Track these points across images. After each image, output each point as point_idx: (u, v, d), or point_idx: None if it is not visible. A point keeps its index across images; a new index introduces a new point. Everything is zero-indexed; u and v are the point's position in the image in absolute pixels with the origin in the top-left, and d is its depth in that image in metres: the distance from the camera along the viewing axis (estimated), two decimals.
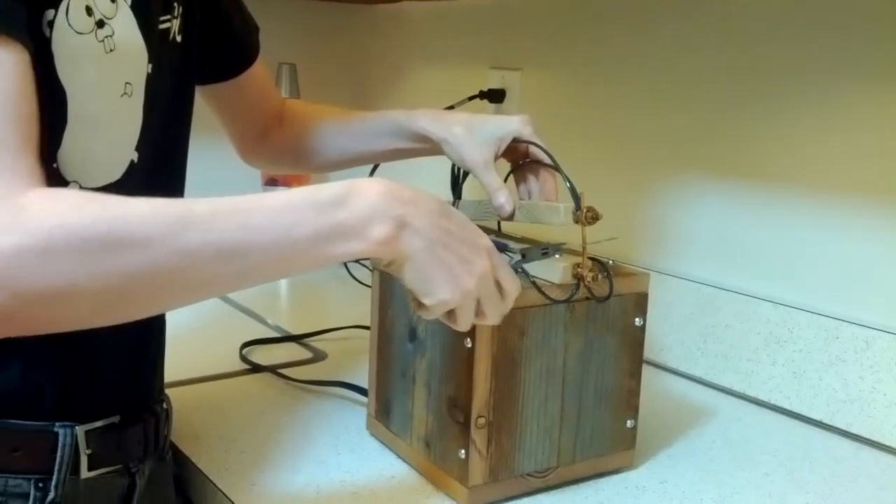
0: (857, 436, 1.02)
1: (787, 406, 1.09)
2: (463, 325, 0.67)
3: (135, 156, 0.74)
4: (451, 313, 0.66)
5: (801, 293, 1.09)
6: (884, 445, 1.00)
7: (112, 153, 0.73)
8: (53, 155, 0.69)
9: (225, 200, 0.60)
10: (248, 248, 0.59)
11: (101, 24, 0.70)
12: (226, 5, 0.92)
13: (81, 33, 0.68)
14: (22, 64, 0.61)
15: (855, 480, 0.92)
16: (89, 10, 0.69)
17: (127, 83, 0.73)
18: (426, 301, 0.64)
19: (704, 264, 1.20)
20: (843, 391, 1.03)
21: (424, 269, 0.63)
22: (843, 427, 1.04)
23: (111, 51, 0.71)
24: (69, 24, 0.67)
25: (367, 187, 0.61)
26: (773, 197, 1.11)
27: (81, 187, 0.70)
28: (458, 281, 0.63)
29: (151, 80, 0.74)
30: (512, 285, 0.68)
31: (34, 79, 0.61)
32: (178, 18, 0.79)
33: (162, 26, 0.76)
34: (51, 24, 0.66)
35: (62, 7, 0.67)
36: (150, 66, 0.74)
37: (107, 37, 0.70)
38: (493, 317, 0.67)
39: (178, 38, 0.79)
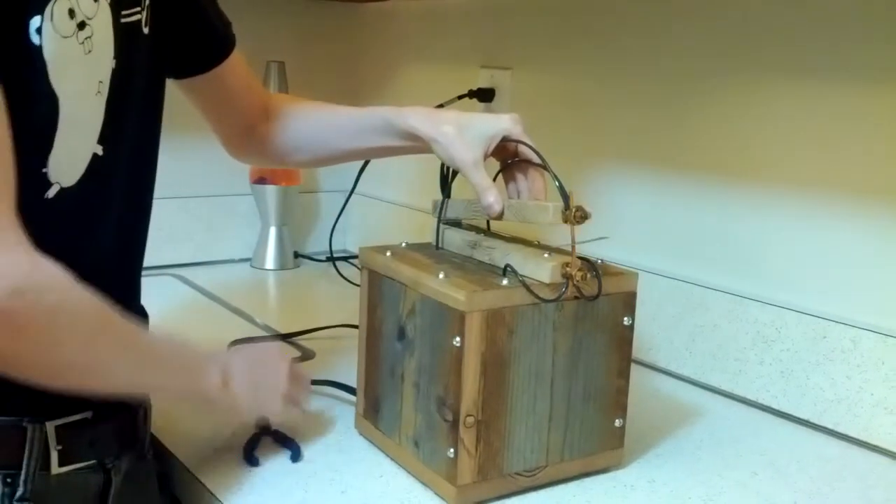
0: (844, 435, 1.03)
1: (774, 405, 1.10)
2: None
3: (98, 149, 0.74)
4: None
5: (788, 293, 1.09)
6: (871, 445, 1.00)
7: (81, 149, 0.73)
8: (45, 160, 0.69)
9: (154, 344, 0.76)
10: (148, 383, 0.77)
11: (81, 25, 0.69)
12: None
13: (66, 37, 0.68)
14: (2, 107, 0.63)
15: (842, 480, 0.92)
16: (72, 13, 0.68)
17: (100, 81, 0.73)
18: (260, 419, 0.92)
19: (693, 264, 1.20)
20: (830, 390, 1.04)
21: (251, 403, 0.85)
22: (831, 426, 1.04)
23: (89, 52, 0.70)
24: (54, 30, 0.67)
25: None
26: (762, 197, 1.11)
27: (62, 187, 0.71)
28: (273, 402, 0.87)
29: (116, 75, 0.74)
30: (303, 378, 0.94)
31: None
32: (146, 10, 0.78)
33: (130, 19, 0.75)
34: (39, 30, 0.66)
35: (47, 12, 0.66)
36: (115, 61, 0.73)
37: (87, 38, 0.70)
38: (305, 402, 0.93)
39: (146, 30, 0.78)
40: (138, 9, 0.76)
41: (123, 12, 0.74)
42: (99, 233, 0.76)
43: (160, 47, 0.82)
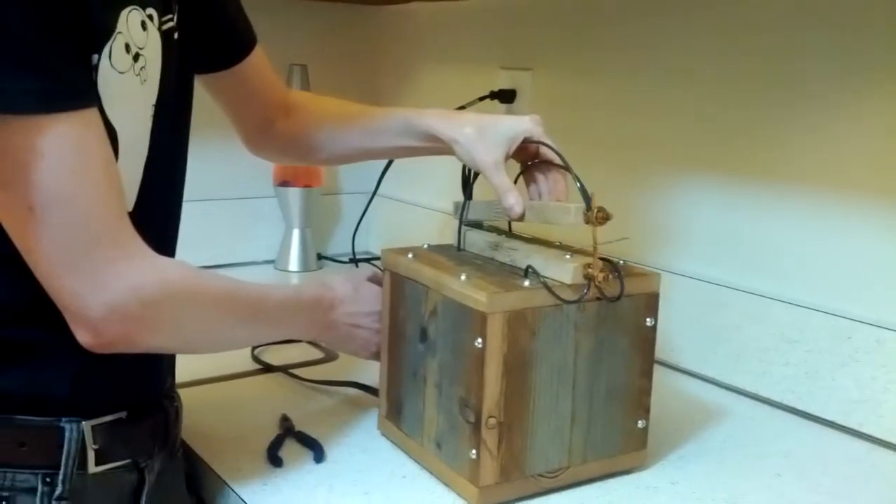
0: (869, 436, 1.02)
1: (799, 406, 1.09)
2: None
3: (143, 166, 0.76)
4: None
5: (813, 293, 1.08)
6: None
7: (136, 173, 0.75)
8: None
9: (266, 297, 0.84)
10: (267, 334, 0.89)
11: (136, 57, 0.71)
12: None
13: (123, 72, 0.70)
14: (102, 127, 0.67)
15: (868, 481, 0.92)
16: (128, 48, 0.70)
17: (153, 105, 0.74)
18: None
19: (716, 264, 1.19)
20: (855, 391, 1.03)
21: (344, 346, 0.97)
22: (856, 427, 1.03)
23: (145, 81, 0.72)
24: (112, 66, 0.68)
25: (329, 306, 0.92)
26: (785, 196, 1.11)
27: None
28: (370, 344, 0.96)
29: (160, 93, 0.75)
30: None
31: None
32: (176, 15, 0.79)
33: (165, 27, 0.76)
34: (95, 67, 0.67)
35: (105, 50, 0.68)
36: (160, 78, 0.75)
37: (141, 69, 0.72)
38: None
39: (176, 35, 0.79)
40: (171, 15, 0.78)
41: (162, 18, 0.76)
42: None
43: (187, 49, 0.83)
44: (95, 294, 0.67)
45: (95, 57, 0.67)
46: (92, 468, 0.75)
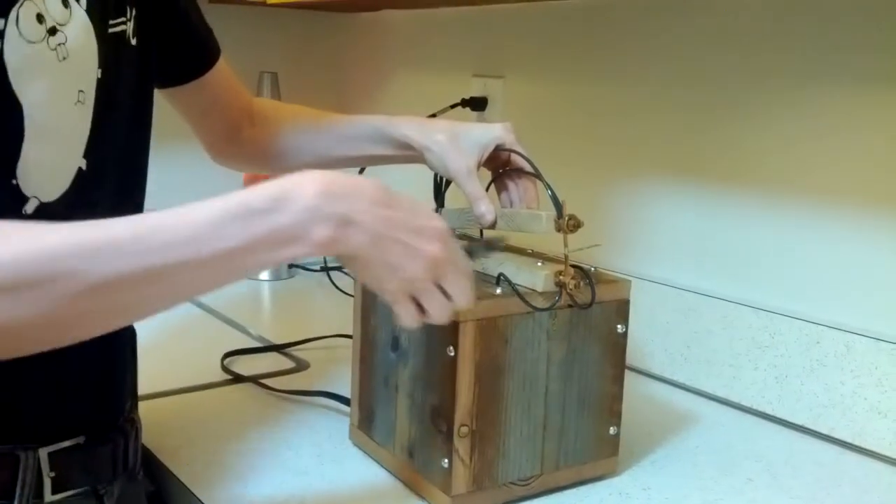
0: (839, 440, 1.03)
1: (769, 411, 1.10)
2: (436, 317, 0.65)
3: (83, 163, 0.72)
4: (421, 310, 0.65)
5: (782, 298, 1.09)
6: (865, 450, 1.00)
7: (62, 162, 0.71)
8: (13, 170, 0.67)
9: (149, 218, 0.57)
10: (175, 267, 0.56)
11: (53, 31, 0.68)
12: (182, 6, 0.90)
13: (33, 42, 0.66)
14: None
15: (838, 485, 0.93)
16: (40, 18, 0.67)
17: (80, 90, 0.71)
18: (382, 295, 0.64)
19: (687, 270, 1.20)
20: (824, 396, 1.04)
21: (372, 264, 0.61)
22: (826, 431, 1.04)
23: (64, 58, 0.69)
24: (20, 34, 0.65)
25: (304, 188, 0.58)
26: (755, 202, 1.12)
27: (41, 202, 0.69)
28: (404, 270, 0.61)
29: (102, 85, 0.72)
30: (465, 271, 0.65)
31: None
32: (132, 21, 0.77)
33: (115, 29, 0.74)
34: (1, 34, 0.64)
35: (11, 16, 0.65)
36: (100, 70, 0.72)
37: (59, 44, 0.68)
38: (459, 299, 0.65)
39: (133, 41, 0.78)
40: (123, 19, 0.76)
41: (110, 21, 0.74)
42: None
43: (147, 58, 0.81)
44: None
45: (2, 22, 0.64)
46: (48, 497, 0.72)
